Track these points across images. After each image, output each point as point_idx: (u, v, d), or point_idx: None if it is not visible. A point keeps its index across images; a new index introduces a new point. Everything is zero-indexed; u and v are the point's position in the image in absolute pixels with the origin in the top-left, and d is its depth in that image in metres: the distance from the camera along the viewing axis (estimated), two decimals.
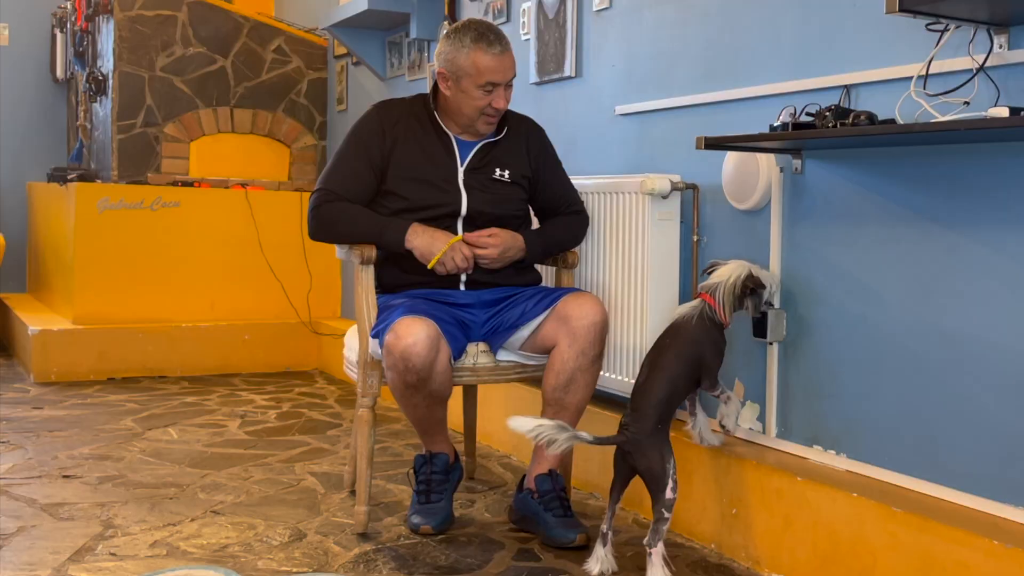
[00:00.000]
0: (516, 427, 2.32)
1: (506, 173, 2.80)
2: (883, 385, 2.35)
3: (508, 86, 2.73)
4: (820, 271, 2.52)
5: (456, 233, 2.73)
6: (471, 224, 2.75)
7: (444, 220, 2.73)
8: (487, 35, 2.69)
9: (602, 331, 2.62)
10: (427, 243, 2.66)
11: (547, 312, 2.66)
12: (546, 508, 2.62)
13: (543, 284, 2.94)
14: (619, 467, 2.38)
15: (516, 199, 2.83)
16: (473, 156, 2.79)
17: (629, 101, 3.23)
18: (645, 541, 2.32)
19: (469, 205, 2.74)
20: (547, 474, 2.67)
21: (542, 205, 2.91)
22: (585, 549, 2.50)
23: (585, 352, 2.61)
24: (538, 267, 2.96)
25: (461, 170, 2.77)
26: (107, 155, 5.33)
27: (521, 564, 2.48)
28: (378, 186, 2.76)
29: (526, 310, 2.69)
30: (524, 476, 2.74)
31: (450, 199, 2.74)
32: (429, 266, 2.66)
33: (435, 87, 2.80)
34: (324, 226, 2.74)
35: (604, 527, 2.38)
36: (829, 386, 2.49)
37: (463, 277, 2.74)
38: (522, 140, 2.86)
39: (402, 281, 2.76)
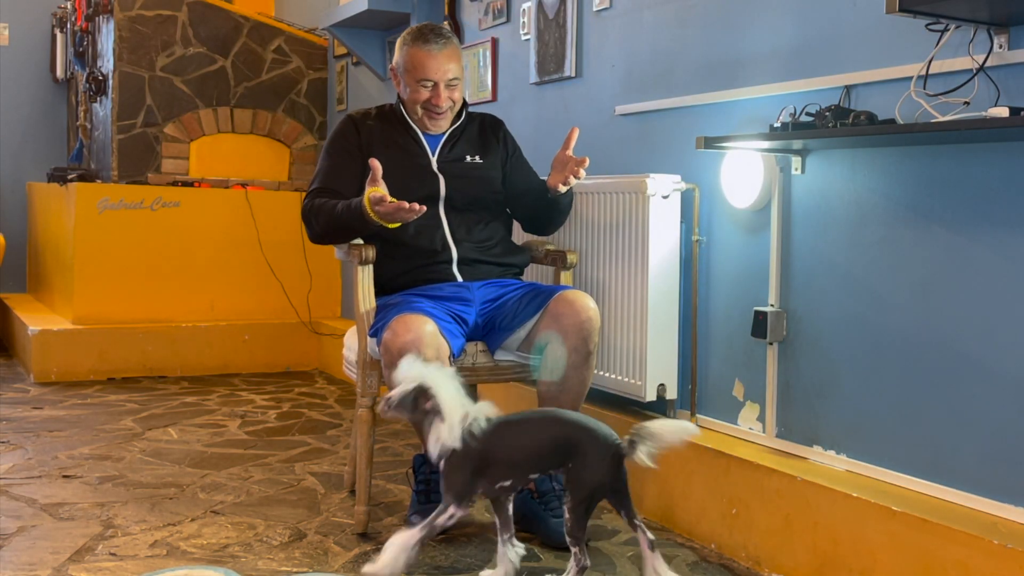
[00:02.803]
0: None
1: (477, 157, 2.88)
2: (883, 385, 2.35)
3: (448, 85, 2.81)
4: (820, 271, 2.52)
5: (440, 219, 2.78)
6: (452, 208, 2.80)
7: (427, 203, 2.73)
8: (427, 34, 2.82)
9: (593, 329, 2.62)
10: (379, 215, 2.60)
11: (540, 313, 2.67)
12: (546, 508, 2.63)
13: (536, 281, 2.95)
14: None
15: (492, 180, 2.89)
16: (443, 146, 2.88)
17: (629, 101, 3.23)
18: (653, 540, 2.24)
19: (447, 188, 2.81)
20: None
21: (521, 196, 2.91)
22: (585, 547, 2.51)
23: (577, 349, 2.61)
24: (538, 267, 2.97)
25: (434, 159, 2.85)
26: (107, 155, 5.33)
27: (521, 564, 2.47)
28: (362, 179, 2.78)
29: (518, 311, 2.70)
30: None
31: (428, 184, 2.81)
32: (392, 227, 2.64)
33: None
34: (311, 227, 2.79)
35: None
36: (829, 386, 2.49)
37: (454, 256, 2.75)
38: (488, 130, 2.95)
39: (400, 281, 2.76)
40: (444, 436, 2.17)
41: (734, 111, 2.79)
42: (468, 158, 2.88)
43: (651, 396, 2.88)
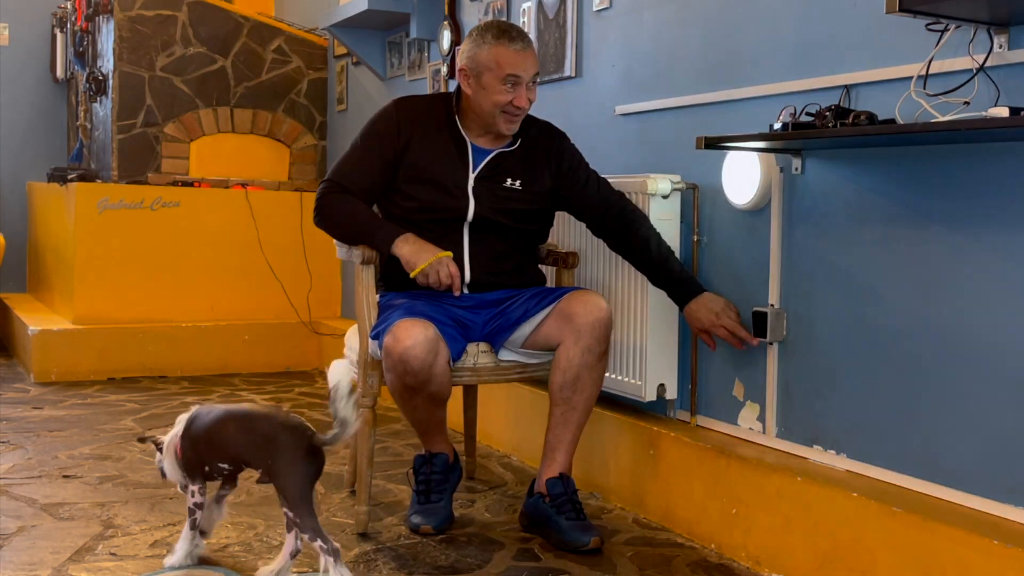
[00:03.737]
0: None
1: (517, 183, 2.75)
2: (883, 385, 2.35)
3: (530, 85, 2.69)
4: (820, 271, 2.52)
5: (461, 239, 2.72)
6: (476, 230, 2.73)
7: (450, 224, 2.72)
8: (509, 31, 2.69)
9: (607, 327, 2.62)
10: (414, 253, 2.64)
11: (549, 309, 2.66)
12: (559, 511, 2.61)
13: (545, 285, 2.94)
14: None
15: (526, 209, 2.78)
16: (486, 164, 2.75)
17: (629, 101, 3.23)
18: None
19: (476, 212, 2.72)
20: (558, 477, 2.66)
21: (590, 210, 2.82)
22: (598, 552, 2.53)
23: (591, 349, 2.61)
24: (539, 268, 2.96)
25: (472, 176, 2.73)
26: (107, 155, 5.33)
27: (521, 564, 2.48)
28: (388, 183, 2.76)
29: (528, 308, 2.69)
30: (534, 480, 2.72)
31: (458, 204, 2.71)
32: (412, 275, 2.65)
33: (458, 89, 2.77)
34: (324, 216, 2.75)
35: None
36: (829, 386, 2.49)
37: (467, 278, 2.73)
38: (541, 151, 2.80)
39: (407, 287, 2.75)
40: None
41: (734, 111, 2.79)
42: (509, 181, 2.75)
43: (651, 396, 2.88)
